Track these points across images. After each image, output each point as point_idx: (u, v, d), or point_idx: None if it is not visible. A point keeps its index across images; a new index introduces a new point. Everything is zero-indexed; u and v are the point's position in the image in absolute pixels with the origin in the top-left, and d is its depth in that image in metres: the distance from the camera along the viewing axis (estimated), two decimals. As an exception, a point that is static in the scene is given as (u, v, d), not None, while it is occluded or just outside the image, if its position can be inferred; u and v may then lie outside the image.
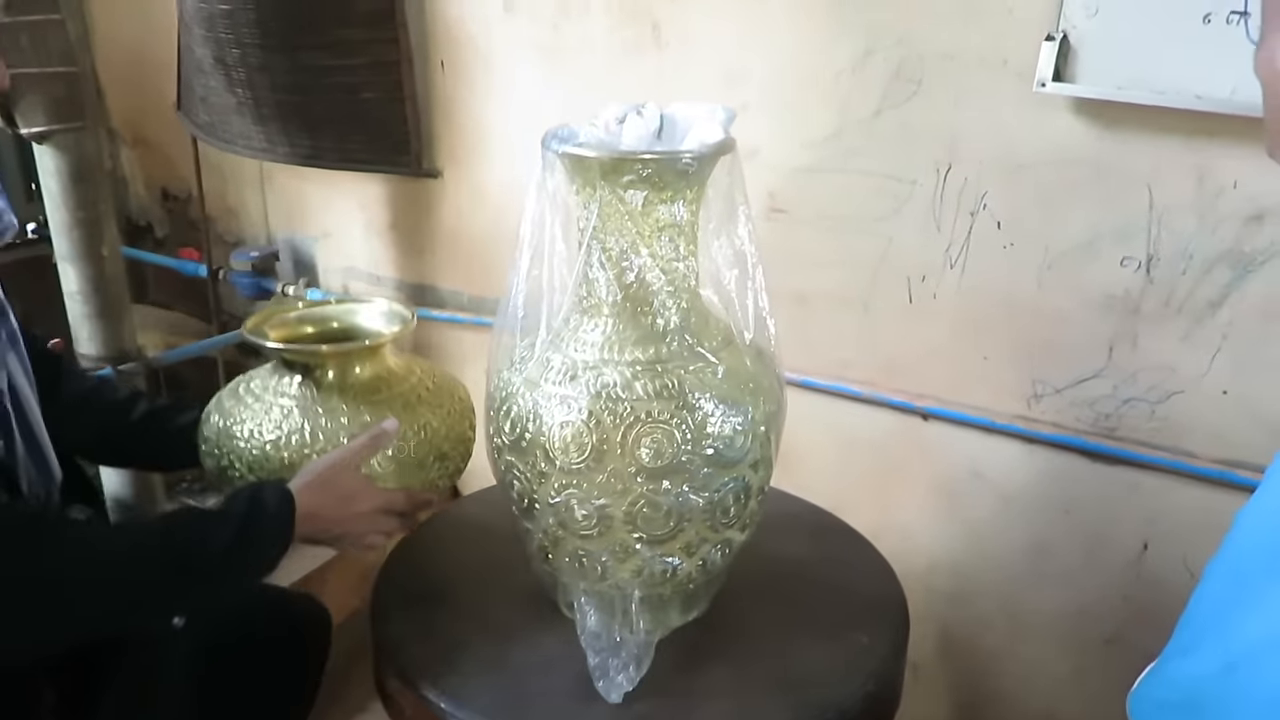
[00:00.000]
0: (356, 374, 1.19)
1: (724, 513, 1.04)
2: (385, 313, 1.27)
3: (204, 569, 0.99)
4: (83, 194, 1.65)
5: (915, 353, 1.62)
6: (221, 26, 1.88)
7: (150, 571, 0.97)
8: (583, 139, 1.02)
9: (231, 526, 1.00)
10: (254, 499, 1.04)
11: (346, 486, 1.09)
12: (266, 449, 1.13)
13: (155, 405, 1.28)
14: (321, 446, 1.13)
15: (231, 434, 1.15)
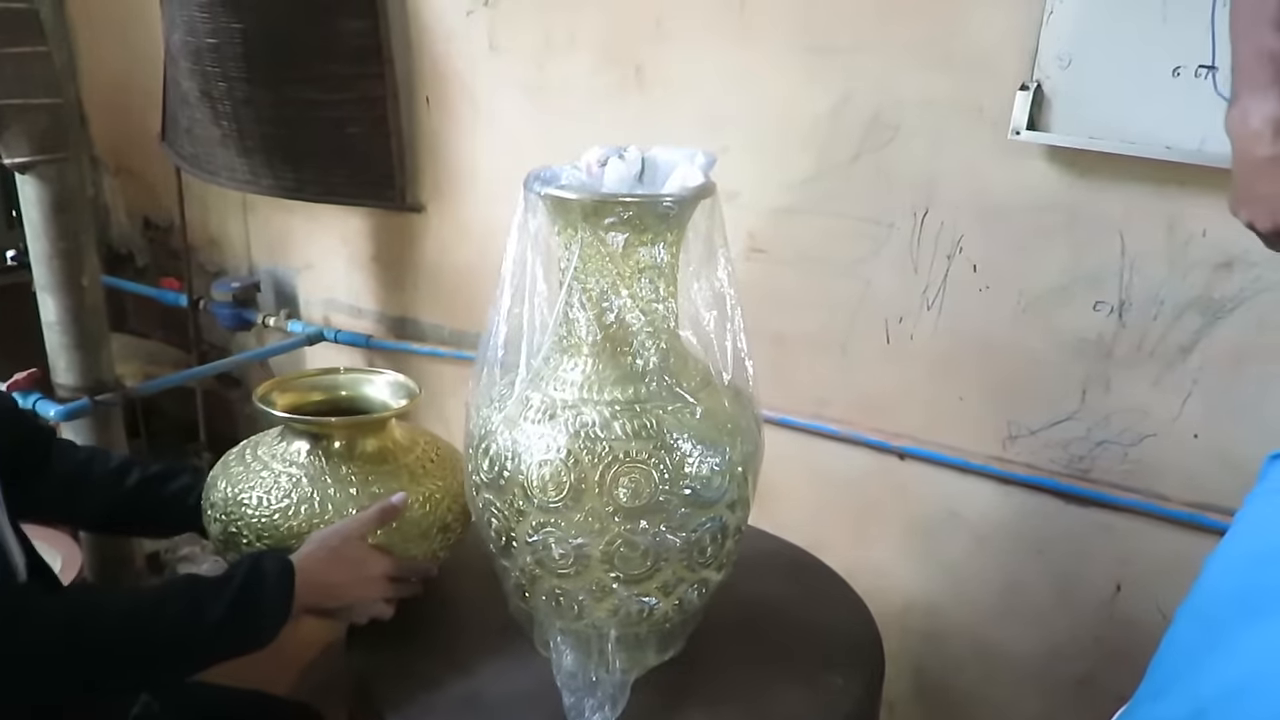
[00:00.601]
0: (364, 445, 1.20)
1: (701, 552, 1.05)
2: (392, 384, 1.28)
3: (199, 639, 0.99)
4: (64, 224, 1.65)
5: (892, 393, 1.64)
6: (208, 60, 1.89)
7: (142, 643, 0.97)
8: (565, 181, 1.03)
9: (227, 597, 1.00)
10: (254, 569, 1.04)
11: (352, 555, 1.10)
12: (274, 517, 1.13)
13: (148, 473, 1.27)
14: (330, 516, 1.13)
15: (239, 501, 1.15)
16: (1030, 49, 1.36)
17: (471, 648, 1.18)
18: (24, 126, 1.53)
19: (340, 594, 1.10)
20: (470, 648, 1.18)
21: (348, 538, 1.10)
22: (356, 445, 1.19)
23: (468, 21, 1.86)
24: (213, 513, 1.19)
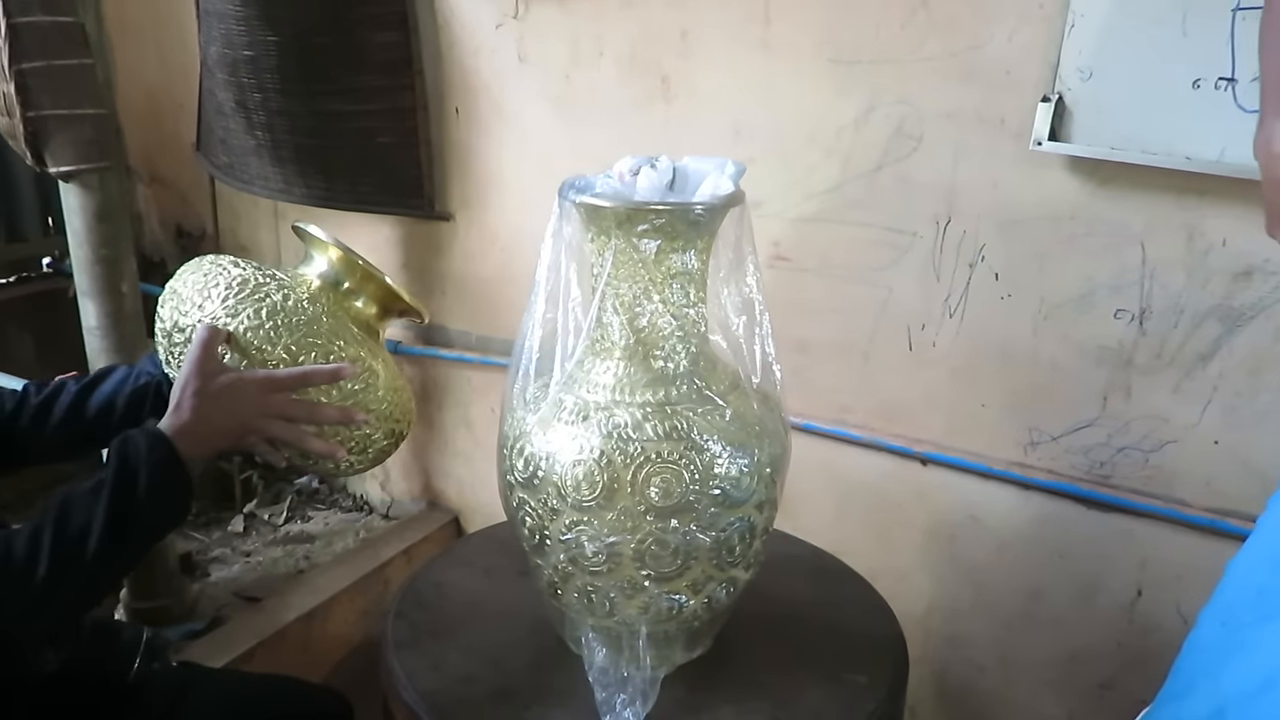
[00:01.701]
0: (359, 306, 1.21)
1: (729, 551, 1.07)
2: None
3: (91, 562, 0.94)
4: (105, 232, 1.69)
5: (914, 399, 1.66)
6: (244, 71, 1.94)
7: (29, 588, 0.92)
8: (599, 189, 1.06)
9: (103, 506, 0.95)
10: (122, 458, 0.98)
11: (219, 388, 1.04)
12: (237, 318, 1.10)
13: (82, 383, 1.23)
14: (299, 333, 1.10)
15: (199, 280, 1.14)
16: (1052, 61, 1.38)
17: (504, 644, 1.21)
18: (69, 136, 1.57)
19: (231, 429, 1.05)
20: (503, 644, 1.21)
21: (203, 370, 1.04)
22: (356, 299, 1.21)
23: (497, 34, 1.90)
24: (159, 312, 1.16)
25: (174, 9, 2.34)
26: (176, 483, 1.01)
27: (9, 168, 2.51)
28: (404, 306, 1.26)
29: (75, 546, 0.94)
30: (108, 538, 0.95)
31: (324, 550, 2.26)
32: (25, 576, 0.92)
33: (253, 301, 1.10)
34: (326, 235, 1.22)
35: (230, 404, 1.05)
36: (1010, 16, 1.42)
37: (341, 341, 1.12)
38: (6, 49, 1.46)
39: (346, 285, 1.22)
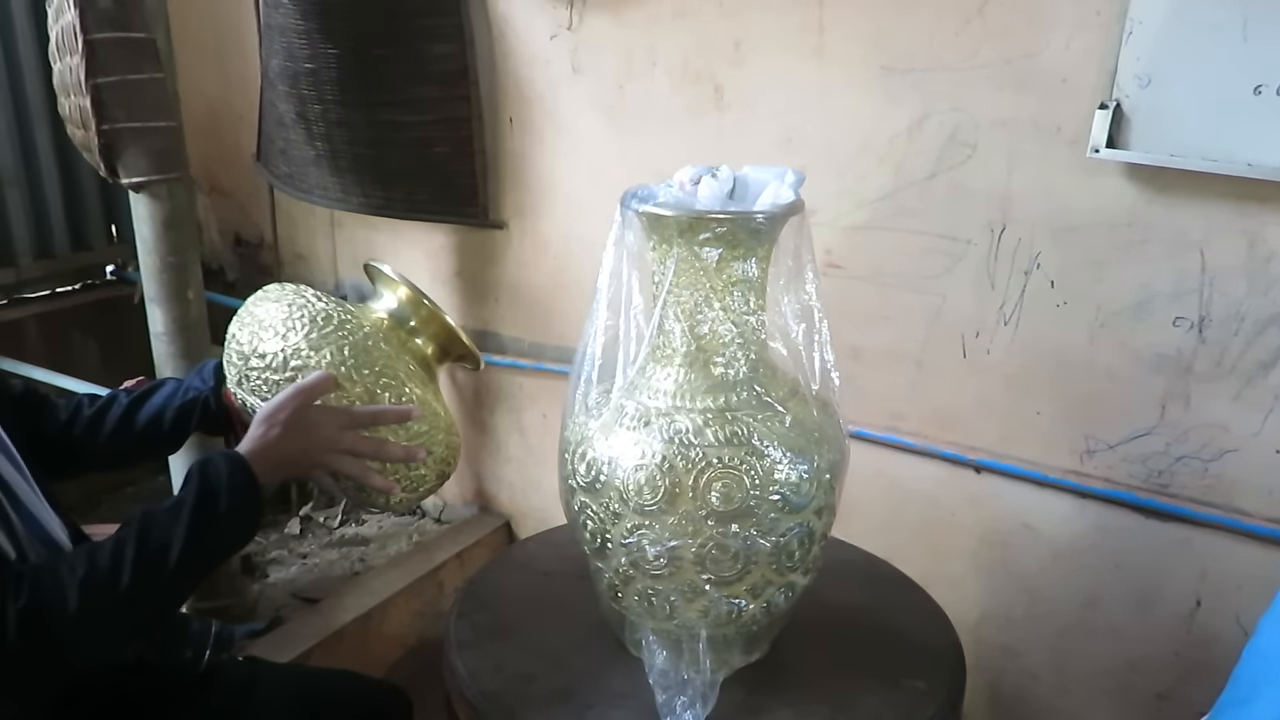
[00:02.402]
0: (418, 343, 1.25)
1: (789, 556, 1.09)
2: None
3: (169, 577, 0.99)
4: (173, 240, 1.74)
5: (968, 406, 1.66)
6: (305, 84, 1.99)
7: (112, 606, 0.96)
8: (661, 199, 1.08)
9: (184, 522, 0.99)
10: (204, 479, 1.02)
11: (301, 422, 1.08)
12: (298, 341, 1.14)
13: (133, 396, 1.29)
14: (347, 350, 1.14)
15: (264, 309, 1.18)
16: (1109, 68, 1.38)
17: (564, 646, 1.23)
18: (141, 148, 1.62)
19: (303, 460, 1.10)
20: (563, 646, 1.23)
21: (285, 406, 1.08)
22: (417, 337, 1.25)
23: (551, 45, 1.92)
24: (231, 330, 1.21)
25: (235, 23, 2.40)
26: (252, 505, 1.05)
27: (75, 179, 2.59)
28: (463, 350, 1.30)
29: (156, 560, 0.98)
30: (187, 553, 0.99)
31: (378, 553, 2.30)
32: (109, 587, 0.96)
33: (336, 338, 1.14)
34: (397, 274, 1.26)
35: (307, 436, 1.09)
36: (1067, 24, 1.42)
37: (413, 383, 1.17)
38: (84, 64, 1.51)
39: (412, 324, 1.26)
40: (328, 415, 1.10)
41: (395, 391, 1.14)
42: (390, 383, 1.14)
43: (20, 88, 2.42)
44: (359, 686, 1.41)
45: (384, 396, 1.14)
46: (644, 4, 1.78)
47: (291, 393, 1.09)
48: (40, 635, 0.92)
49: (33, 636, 0.91)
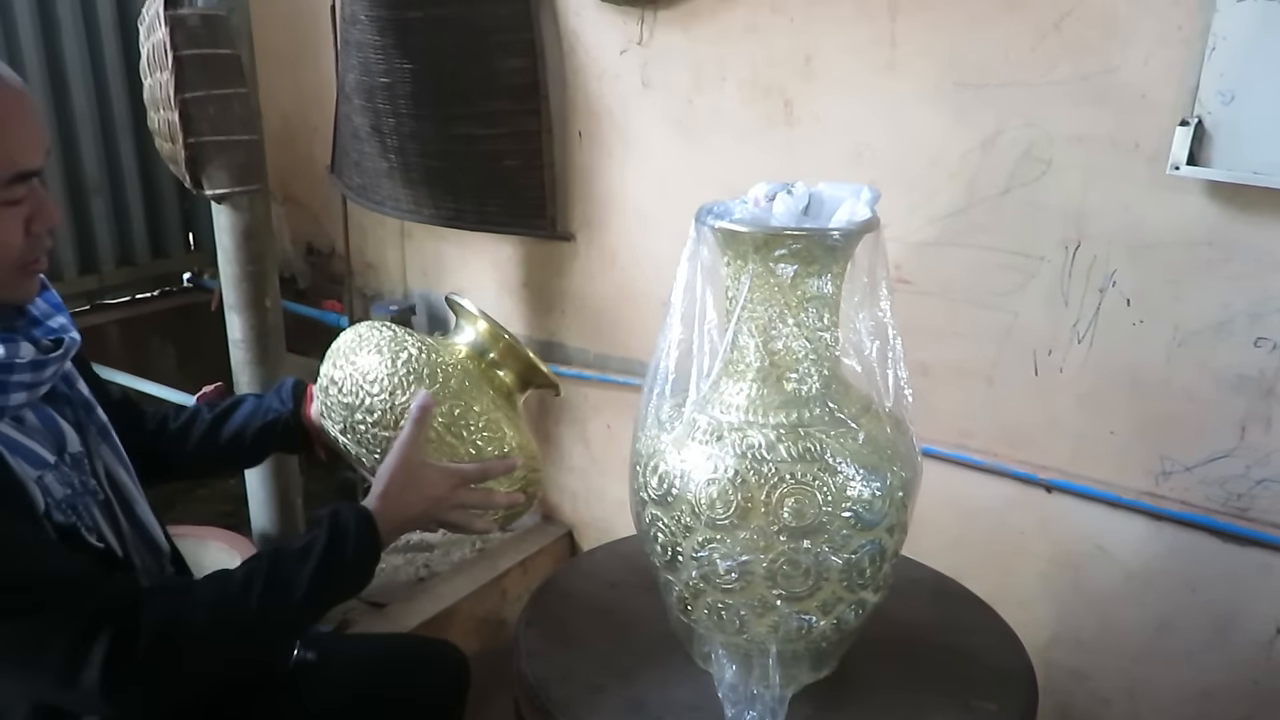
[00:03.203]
0: (500, 375, 1.26)
1: (860, 574, 1.08)
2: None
3: (291, 613, 1.04)
4: (252, 250, 1.79)
5: (1039, 425, 1.64)
6: (380, 98, 2.03)
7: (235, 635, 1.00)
8: (736, 215, 1.09)
9: (311, 564, 1.04)
10: (334, 527, 1.07)
11: (422, 481, 1.13)
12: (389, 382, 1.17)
13: (216, 412, 1.34)
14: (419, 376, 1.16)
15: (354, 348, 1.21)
16: (1191, 85, 1.36)
17: (634, 657, 1.23)
18: (224, 161, 1.67)
19: (421, 520, 1.14)
20: (633, 657, 1.24)
21: (409, 465, 1.12)
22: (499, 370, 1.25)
23: (621, 60, 1.94)
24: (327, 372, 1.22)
25: (312, 38, 2.46)
26: (371, 559, 1.10)
27: (156, 189, 2.67)
28: (543, 380, 1.30)
29: (282, 594, 1.02)
30: (310, 594, 1.03)
31: (442, 559, 2.32)
32: (238, 615, 1.01)
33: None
34: (477, 309, 1.27)
35: (426, 497, 1.13)
36: (1146, 39, 1.40)
37: (510, 428, 1.20)
38: (173, 80, 1.56)
39: (492, 356, 1.27)
40: (443, 476, 1.14)
41: (499, 445, 1.18)
42: (495, 437, 1.18)
43: (107, 102, 2.51)
44: (414, 646, 1.46)
45: (490, 451, 1.18)
46: (715, 19, 1.79)
47: (407, 445, 1.12)
48: (168, 650, 0.96)
49: (162, 650, 0.95)
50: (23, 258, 1.00)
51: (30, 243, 1.00)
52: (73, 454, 1.08)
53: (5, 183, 0.95)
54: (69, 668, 0.91)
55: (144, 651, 0.93)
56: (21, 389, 1.00)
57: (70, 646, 0.91)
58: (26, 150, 0.97)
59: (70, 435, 1.08)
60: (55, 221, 1.03)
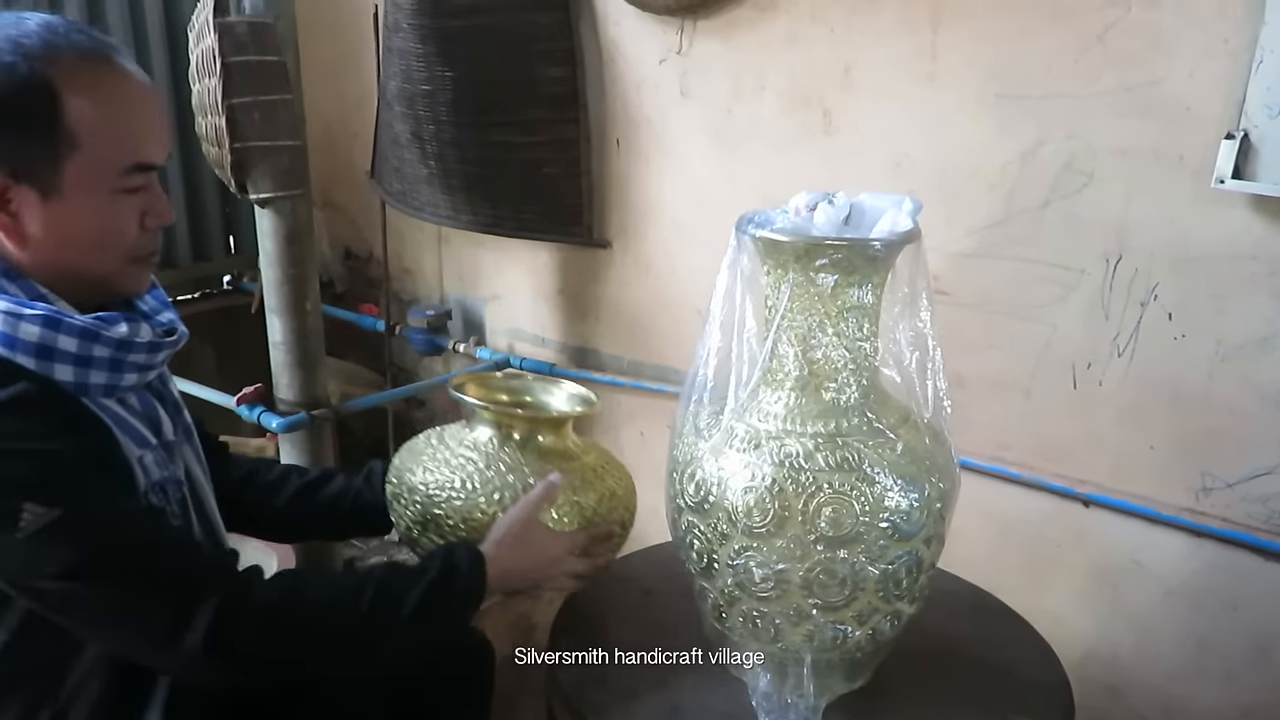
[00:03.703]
0: (542, 441, 1.27)
1: (896, 584, 1.08)
2: (572, 394, 1.37)
3: (395, 626, 1.06)
4: (294, 254, 1.82)
5: (1077, 438, 1.63)
6: (421, 105, 2.05)
7: (341, 630, 1.03)
8: (777, 224, 1.09)
9: (422, 586, 1.07)
10: (448, 560, 1.11)
11: (536, 540, 1.17)
12: (435, 489, 1.21)
13: (305, 479, 1.37)
14: (486, 496, 1.20)
15: (411, 471, 1.24)
16: (1237, 97, 1.35)
17: (668, 664, 1.23)
18: (268, 166, 1.70)
19: (526, 579, 1.18)
20: (667, 664, 1.23)
21: (528, 523, 1.16)
22: (534, 440, 1.26)
23: (660, 69, 1.96)
24: (390, 479, 1.27)
25: (354, 46, 2.49)
26: (475, 599, 1.12)
27: (199, 193, 2.72)
28: (581, 415, 1.33)
29: (391, 606, 1.05)
30: (415, 613, 1.06)
31: (475, 563, 2.34)
32: (347, 610, 1.04)
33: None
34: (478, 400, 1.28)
35: (537, 557, 1.17)
36: (1192, 51, 1.39)
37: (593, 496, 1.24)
38: (220, 86, 1.59)
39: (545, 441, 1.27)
40: (555, 540, 1.19)
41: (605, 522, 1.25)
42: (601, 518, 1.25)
43: (153, 106, 2.55)
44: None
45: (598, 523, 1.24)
46: (755, 29, 1.80)
47: (531, 505, 1.17)
48: (274, 629, 0.99)
49: (268, 627, 0.98)
50: (136, 249, 1.03)
51: (143, 236, 1.03)
52: (165, 442, 1.10)
53: (126, 171, 0.98)
54: (173, 628, 0.94)
55: (250, 625, 0.96)
56: (135, 370, 1.03)
57: (177, 611, 0.94)
58: (150, 143, 1.00)
59: (166, 423, 1.11)
60: (168, 218, 1.06)
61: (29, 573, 0.92)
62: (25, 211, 0.96)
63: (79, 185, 0.96)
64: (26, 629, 0.99)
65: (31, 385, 0.94)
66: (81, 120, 0.94)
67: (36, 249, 0.97)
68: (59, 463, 0.92)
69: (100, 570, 0.93)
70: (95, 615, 0.95)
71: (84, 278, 1.01)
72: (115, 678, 1.02)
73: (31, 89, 0.92)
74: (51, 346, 0.95)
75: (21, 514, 0.89)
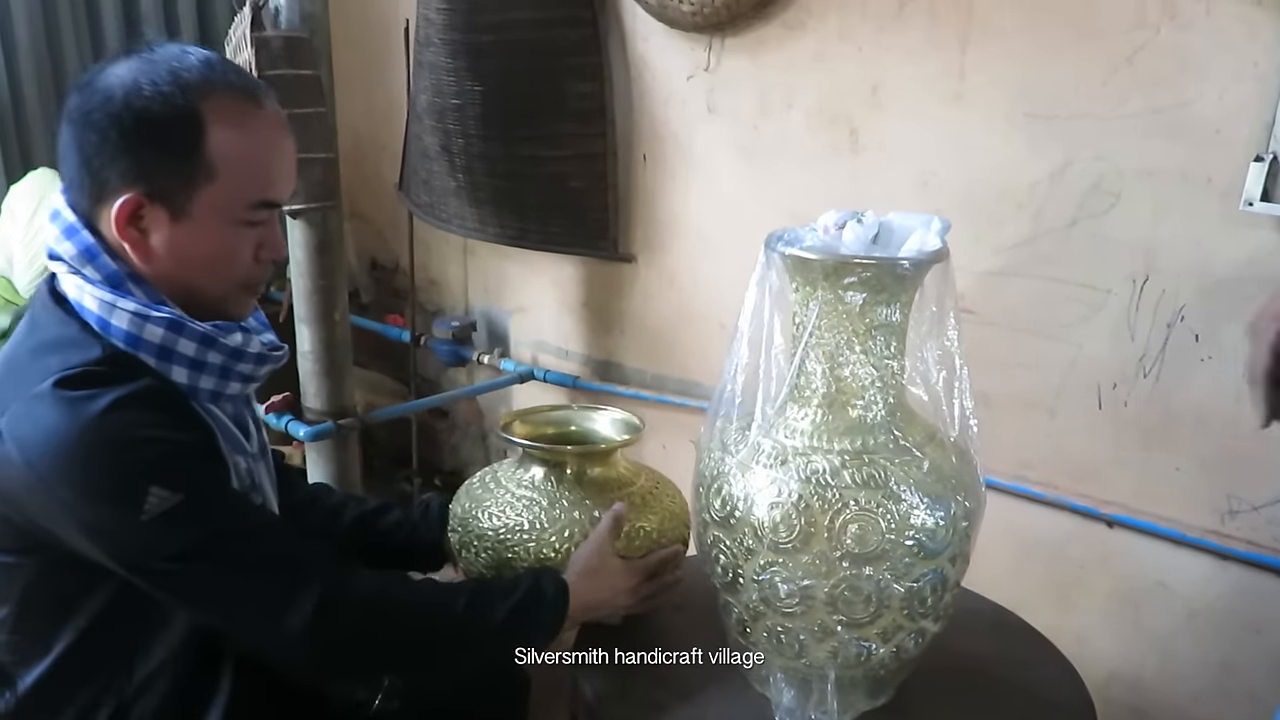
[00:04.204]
0: (593, 473, 1.29)
1: (921, 602, 1.08)
2: (617, 420, 1.39)
3: (482, 636, 1.10)
4: (324, 264, 1.84)
5: (1102, 459, 1.62)
6: (450, 118, 2.08)
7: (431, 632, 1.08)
8: (806, 242, 1.10)
9: (510, 603, 1.11)
10: (535, 585, 1.14)
11: (610, 572, 1.20)
12: (509, 535, 1.24)
13: (363, 509, 1.40)
14: (556, 534, 1.23)
15: (476, 518, 1.27)
16: (1266, 120, 1.35)
17: (692, 678, 1.24)
18: (301, 178, 1.70)
19: (601, 609, 1.21)
20: (691, 678, 1.24)
21: (602, 554, 1.19)
22: (587, 472, 1.29)
23: (688, 85, 1.97)
24: (452, 528, 1.31)
25: (384, 60, 2.52)
26: (556, 625, 1.16)
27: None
28: (630, 443, 1.35)
29: (482, 615, 1.10)
30: (502, 626, 1.10)
31: (496, 573, 2.35)
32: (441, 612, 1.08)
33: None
34: (524, 440, 1.30)
35: (612, 587, 1.21)
36: (1221, 74, 1.40)
37: (653, 519, 1.27)
38: (256, 99, 1.62)
39: (597, 471, 1.30)
40: (628, 569, 1.22)
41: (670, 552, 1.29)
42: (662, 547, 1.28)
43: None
44: None
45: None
46: (783, 47, 1.81)
47: (603, 537, 1.21)
48: (373, 618, 1.03)
49: (367, 615, 1.02)
50: (247, 278, 1.09)
51: (256, 267, 1.09)
52: (251, 453, 1.15)
53: (253, 205, 1.04)
54: (278, 606, 0.98)
55: (351, 610, 1.01)
56: (240, 379, 1.09)
57: (285, 591, 0.99)
58: (279, 182, 1.07)
59: (254, 435, 1.17)
60: (281, 253, 1.12)
61: (148, 554, 0.96)
62: (154, 229, 1.02)
63: (207, 212, 1.02)
64: (100, 623, 1.03)
65: (154, 381, 1.00)
66: (222, 153, 1.00)
67: (157, 264, 1.03)
68: (182, 451, 0.98)
69: (217, 552, 0.98)
70: (207, 595, 1.00)
71: (195, 296, 1.06)
72: (182, 677, 1.06)
73: (182, 118, 0.99)
74: (172, 349, 1.01)
75: (147, 497, 0.93)
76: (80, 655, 1.04)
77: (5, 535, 1.02)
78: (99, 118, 0.99)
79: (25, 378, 0.97)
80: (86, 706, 1.04)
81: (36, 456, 0.94)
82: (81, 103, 1.01)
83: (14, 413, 0.95)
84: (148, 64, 1.00)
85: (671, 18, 1.90)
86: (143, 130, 0.98)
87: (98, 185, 1.01)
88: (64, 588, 1.02)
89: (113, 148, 0.99)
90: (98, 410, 0.94)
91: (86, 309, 1.01)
